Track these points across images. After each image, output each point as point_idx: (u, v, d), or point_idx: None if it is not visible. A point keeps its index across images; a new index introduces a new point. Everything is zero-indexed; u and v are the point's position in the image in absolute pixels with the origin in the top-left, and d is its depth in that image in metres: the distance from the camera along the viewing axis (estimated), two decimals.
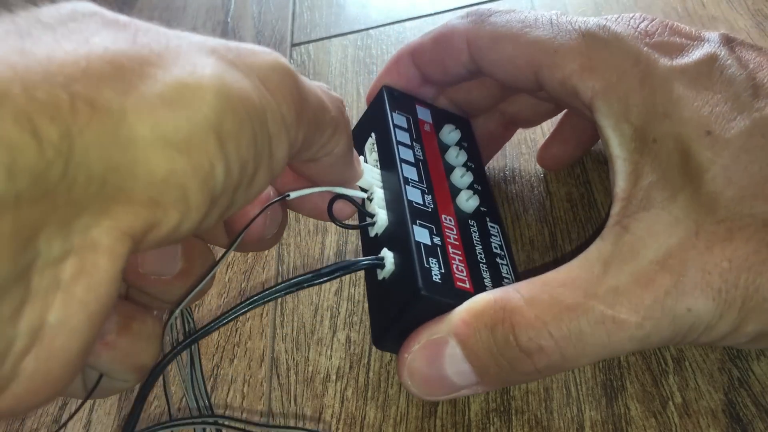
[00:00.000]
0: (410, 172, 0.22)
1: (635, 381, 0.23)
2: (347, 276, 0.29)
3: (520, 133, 0.32)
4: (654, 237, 0.18)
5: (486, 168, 0.31)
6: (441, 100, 0.28)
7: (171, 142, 0.12)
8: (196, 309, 0.30)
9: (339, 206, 0.22)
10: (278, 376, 0.27)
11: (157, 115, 0.12)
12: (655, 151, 0.19)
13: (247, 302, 0.19)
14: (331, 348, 0.27)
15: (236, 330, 0.29)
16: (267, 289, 0.19)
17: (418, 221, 0.21)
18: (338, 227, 0.24)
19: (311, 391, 0.26)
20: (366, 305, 0.27)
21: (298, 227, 0.32)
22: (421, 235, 0.20)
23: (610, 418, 0.23)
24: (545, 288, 0.18)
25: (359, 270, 0.21)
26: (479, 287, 0.20)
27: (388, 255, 0.20)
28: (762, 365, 0.23)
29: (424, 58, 0.25)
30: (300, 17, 0.44)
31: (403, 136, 0.24)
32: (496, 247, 0.22)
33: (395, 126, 0.24)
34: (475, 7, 0.24)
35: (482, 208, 0.23)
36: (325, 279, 0.20)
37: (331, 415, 0.25)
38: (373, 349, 0.26)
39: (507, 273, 0.22)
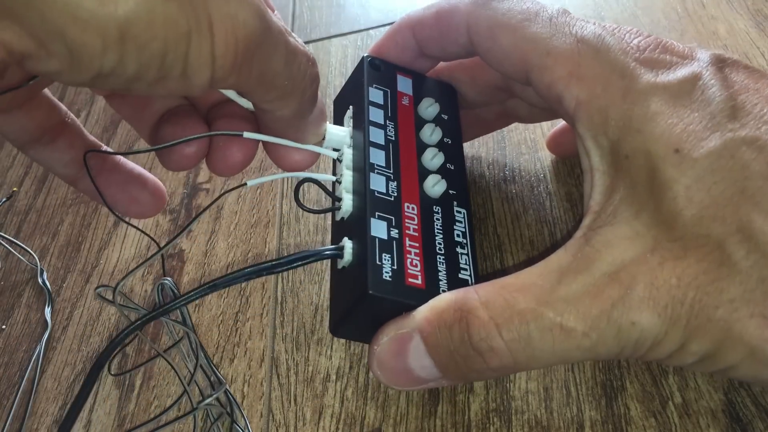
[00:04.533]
0: (378, 157, 0.23)
1: (635, 381, 0.23)
2: None
3: (521, 133, 0.32)
4: (610, 250, 0.18)
5: (485, 167, 0.31)
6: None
7: (79, 18, 0.14)
8: (194, 310, 0.30)
9: (295, 158, 0.23)
10: (278, 376, 0.27)
11: None
12: (627, 166, 0.19)
13: (207, 285, 0.20)
14: (331, 348, 0.27)
15: (236, 330, 0.29)
16: (228, 274, 0.20)
17: (377, 213, 0.21)
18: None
19: (311, 391, 0.26)
20: None
21: (298, 227, 0.32)
22: (377, 229, 0.21)
23: (610, 418, 0.23)
24: (502, 292, 0.19)
25: (319, 260, 0.22)
26: (432, 282, 0.21)
27: (347, 245, 0.21)
28: None
29: (423, 33, 0.25)
30: (300, 17, 0.44)
31: (377, 115, 0.24)
32: (458, 235, 0.23)
33: (370, 103, 0.24)
34: None
35: (451, 191, 0.24)
36: (285, 268, 0.21)
37: (331, 415, 0.25)
38: None
39: (465, 263, 0.22)
